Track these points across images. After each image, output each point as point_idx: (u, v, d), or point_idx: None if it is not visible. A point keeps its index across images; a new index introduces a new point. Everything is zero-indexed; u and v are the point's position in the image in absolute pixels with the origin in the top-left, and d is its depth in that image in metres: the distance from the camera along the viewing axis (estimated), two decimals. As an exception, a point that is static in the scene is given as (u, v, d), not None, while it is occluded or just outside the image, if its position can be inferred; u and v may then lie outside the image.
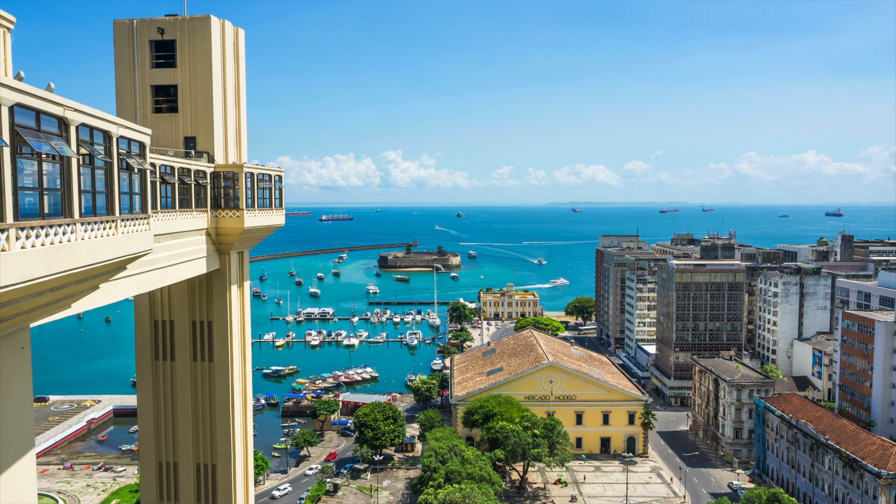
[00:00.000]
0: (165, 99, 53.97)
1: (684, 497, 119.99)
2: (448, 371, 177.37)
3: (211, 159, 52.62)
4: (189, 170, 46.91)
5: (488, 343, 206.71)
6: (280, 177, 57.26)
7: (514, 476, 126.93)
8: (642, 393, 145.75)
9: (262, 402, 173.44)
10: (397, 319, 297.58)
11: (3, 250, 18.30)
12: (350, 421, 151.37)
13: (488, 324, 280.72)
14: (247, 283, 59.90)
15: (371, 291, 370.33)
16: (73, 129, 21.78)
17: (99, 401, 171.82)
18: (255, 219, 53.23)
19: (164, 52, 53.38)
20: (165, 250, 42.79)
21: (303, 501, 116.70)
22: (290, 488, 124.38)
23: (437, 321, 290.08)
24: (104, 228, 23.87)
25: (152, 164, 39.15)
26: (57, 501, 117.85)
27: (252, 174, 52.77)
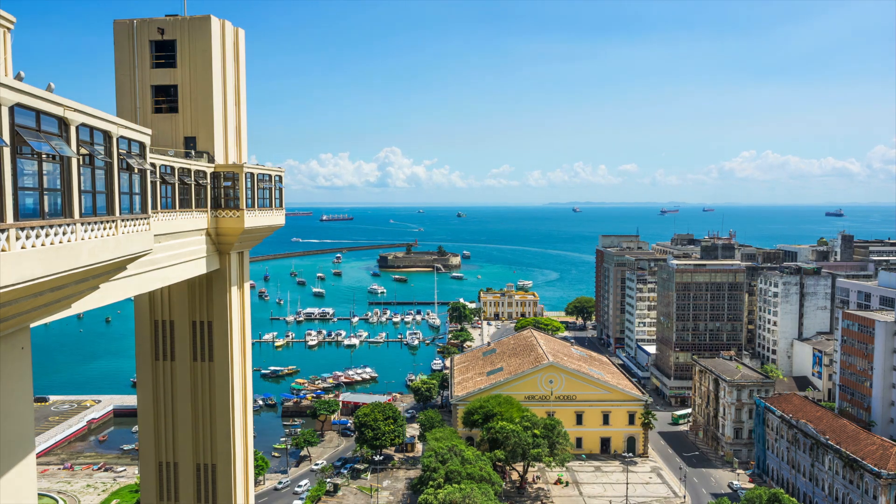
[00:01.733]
0: (165, 99, 53.97)
1: (684, 497, 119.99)
2: (448, 371, 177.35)
3: (211, 159, 52.62)
4: (189, 170, 46.92)
5: (488, 343, 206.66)
6: (280, 177, 57.25)
7: (514, 476, 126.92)
8: (642, 393, 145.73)
9: (260, 402, 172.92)
10: (397, 319, 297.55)
11: (3, 250, 18.30)
12: (350, 421, 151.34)
13: (488, 324, 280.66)
14: (247, 284, 59.90)
15: (380, 292, 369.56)
16: (73, 129, 21.78)
17: (99, 401, 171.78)
18: (255, 219, 53.23)
19: (164, 52, 53.38)
20: (165, 250, 42.79)
21: (303, 501, 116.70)
22: (289, 481, 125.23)
23: (437, 321, 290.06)
24: (104, 228, 23.87)
25: (152, 164, 39.15)
26: (57, 501, 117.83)
27: (252, 174, 52.77)
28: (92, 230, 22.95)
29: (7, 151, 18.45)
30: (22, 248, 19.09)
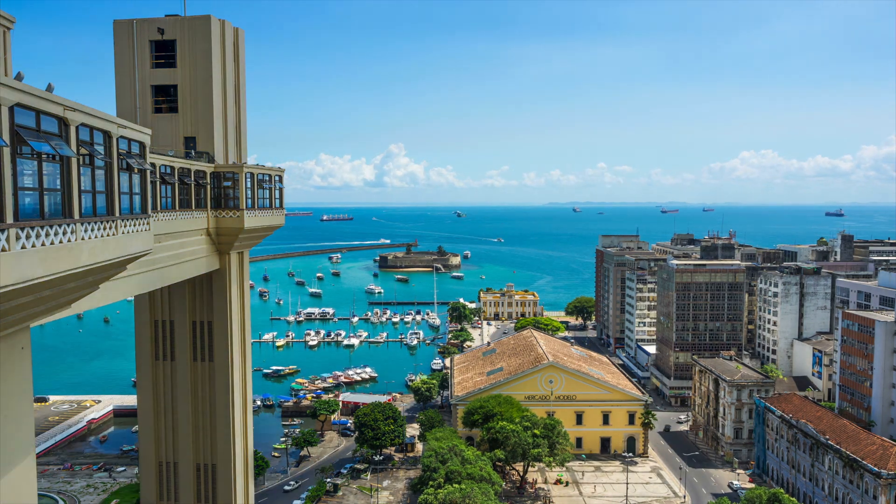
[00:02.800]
0: (165, 99, 54.02)
1: (684, 497, 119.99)
2: (448, 371, 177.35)
3: (211, 159, 52.61)
4: (189, 170, 46.92)
5: (488, 343, 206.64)
6: (280, 177, 57.25)
7: (514, 476, 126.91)
8: (642, 393, 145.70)
9: (259, 402, 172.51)
10: (397, 319, 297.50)
11: (3, 250, 18.29)
12: (350, 421, 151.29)
13: (488, 324, 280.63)
14: (247, 284, 59.91)
15: (377, 292, 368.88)
16: (73, 129, 21.78)
17: (99, 401, 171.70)
18: (255, 219, 53.24)
19: (164, 52, 53.42)
20: (165, 250, 42.79)
21: (303, 501, 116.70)
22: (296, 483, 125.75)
23: (437, 321, 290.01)
24: (104, 229, 23.86)
25: (152, 164, 39.13)
26: (57, 501, 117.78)
27: (252, 174, 52.77)
28: (92, 230, 22.94)
29: (7, 151, 18.44)
30: (22, 248, 19.08)
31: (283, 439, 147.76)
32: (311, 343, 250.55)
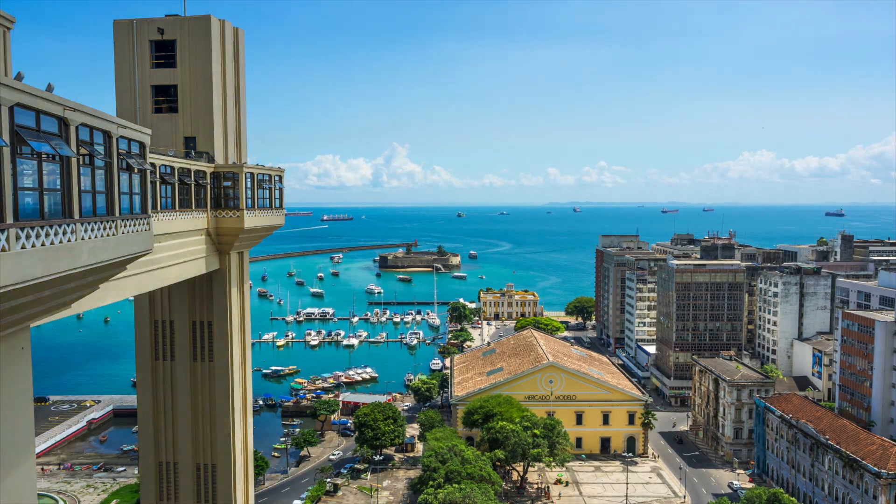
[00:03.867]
0: (165, 99, 54.03)
1: (684, 497, 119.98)
2: (448, 371, 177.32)
3: (211, 159, 52.63)
4: (189, 170, 46.94)
5: (488, 343, 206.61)
6: (280, 177, 57.29)
7: (515, 476, 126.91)
8: (642, 393, 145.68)
9: (260, 402, 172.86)
10: (397, 319, 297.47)
11: (3, 250, 18.29)
12: (350, 421, 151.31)
13: (488, 324, 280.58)
14: (247, 284, 59.93)
15: (377, 292, 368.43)
16: (73, 129, 21.78)
17: (99, 401, 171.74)
18: (255, 219, 53.27)
19: (164, 52, 53.43)
20: (165, 250, 42.80)
21: (303, 502, 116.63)
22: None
23: (437, 321, 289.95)
24: (104, 229, 23.87)
25: (152, 164, 39.14)
26: (57, 501, 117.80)
27: (252, 174, 52.80)
28: (92, 230, 22.95)
29: (7, 151, 18.44)
30: (22, 248, 19.08)
31: (283, 439, 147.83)
32: (311, 343, 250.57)
